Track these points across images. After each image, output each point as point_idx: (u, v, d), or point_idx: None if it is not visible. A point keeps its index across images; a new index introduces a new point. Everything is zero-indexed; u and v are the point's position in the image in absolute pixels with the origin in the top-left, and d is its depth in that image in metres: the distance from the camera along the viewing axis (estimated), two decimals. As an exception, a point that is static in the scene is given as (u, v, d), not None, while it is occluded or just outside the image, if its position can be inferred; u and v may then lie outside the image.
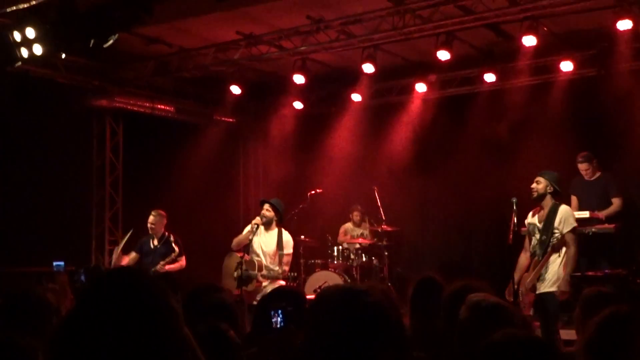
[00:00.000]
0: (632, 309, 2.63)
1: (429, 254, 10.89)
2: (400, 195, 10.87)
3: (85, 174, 10.26)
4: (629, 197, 9.03)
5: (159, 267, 8.26)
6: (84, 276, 8.48)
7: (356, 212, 10.68)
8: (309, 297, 3.99)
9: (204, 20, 8.52)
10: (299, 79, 9.70)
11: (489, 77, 10.04)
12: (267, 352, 3.13)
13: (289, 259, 8.03)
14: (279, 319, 3.02)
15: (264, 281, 7.86)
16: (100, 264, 9.44)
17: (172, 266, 8.38)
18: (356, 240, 10.35)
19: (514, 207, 6.90)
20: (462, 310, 2.90)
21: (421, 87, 10.49)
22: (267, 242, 8.00)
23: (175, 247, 8.37)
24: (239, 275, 7.75)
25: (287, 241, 8.04)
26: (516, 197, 6.97)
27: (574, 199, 8.74)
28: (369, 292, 1.95)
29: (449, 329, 3.31)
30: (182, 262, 8.51)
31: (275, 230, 8.04)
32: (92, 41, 7.40)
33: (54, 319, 3.53)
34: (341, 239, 10.56)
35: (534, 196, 6.73)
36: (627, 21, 7.78)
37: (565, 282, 6.47)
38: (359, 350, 1.87)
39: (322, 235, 10.38)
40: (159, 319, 1.60)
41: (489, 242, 10.12)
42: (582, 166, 8.79)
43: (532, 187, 6.74)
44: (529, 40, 8.22)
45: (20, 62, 7.87)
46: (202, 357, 1.96)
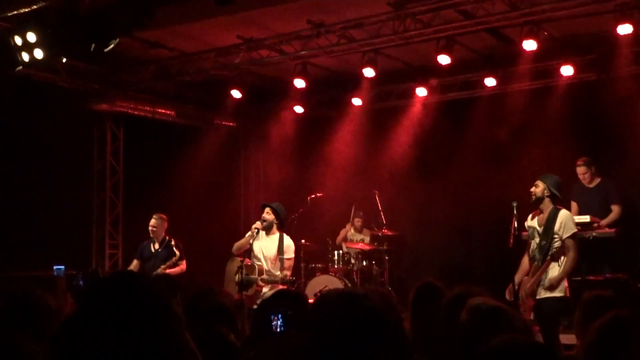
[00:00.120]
0: (632, 314, 2.63)
1: (429, 258, 10.88)
2: (400, 199, 10.86)
3: (85, 178, 10.26)
4: (630, 201, 9.02)
5: (159, 271, 8.26)
6: (82, 280, 8.49)
7: (358, 219, 10.67)
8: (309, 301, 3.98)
9: (205, 24, 8.53)
10: (299, 83, 9.71)
11: (490, 82, 10.04)
12: (266, 356, 3.12)
13: (290, 263, 7.98)
14: (278, 322, 3.02)
15: (264, 285, 7.83)
16: (98, 269, 9.42)
17: (172, 270, 8.37)
18: (356, 244, 10.34)
19: (515, 211, 6.90)
20: (463, 313, 2.90)
21: (421, 92, 10.49)
22: (268, 247, 7.96)
23: (176, 251, 8.37)
24: (239, 279, 7.72)
25: (288, 245, 7.99)
26: (516, 201, 6.98)
27: (574, 204, 8.73)
28: (368, 295, 1.95)
29: (448, 333, 3.30)
30: (182, 265, 8.51)
31: (276, 234, 8.00)
32: (93, 45, 7.42)
33: (54, 323, 3.52)
34: (340, 240, 10.57)
35: (532, 199, 6.75)
36: (627, 25, 7.78)
37: (557, 280, 6.44)
38: (359, 354, 1.87)
39: (323, 239, 10.37)
40: (161, 322, 1.60)
41: (490, 246, 10.10)
42: (580, 170, 8.79)
43: (530, 190, 6.75)
44: (529, 44, 8.22)
45: (21, 66, 7.89)
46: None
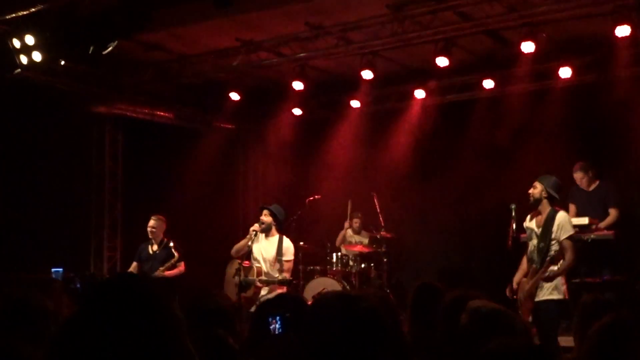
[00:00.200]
0: (631, 316, 2.63)
1: (428, 261, 10.86)
2: (399, 201, 10.85)
3: (84, 181, 10.26)
4: (628, 203, 9.01)
5: (158, 272, 8.25)
6: (79, 283, 8.48)
7: (356, 220, 10.68)
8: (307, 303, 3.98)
9: (204, 27, 8.53)
10: (298, 85, 9.71)
11: (488, 84, 10.03)
12: (265, 359, 3.12)
13: (290, 265, 7.97)
14: (277, 325, 3.01)
15: (262, 286, 7.83)
16: (96, 272, 9.42)
17: (171, 272, 8.36)
18: (355, 247, 10.34)
19: (513, 214, 6.91)
20: (463, 316, 2.90)
21: (420, 94, 10.49)
22: (267, 249, 7.94)
23: (175, 253, 8.35)
24: (238, 281, 7.72)
25: (287, 247, 7.96)
26: (515, 203, 6.99)
27: (572, 207, 8.72)
28: (364, 298, 1.95)
29: (448, 336, 3.30)
30: (181, 267, 8.50)
31: (275, 236, 7.98)
32: (91, 48, 7.42)
33: (52, 325, 3.52)
34: (338, 243, 10.56)
35: (530, 201, 6.75)
36: (625, 27, 7.77)
37: (554, 277, 6.43)
38: (357, 356, 1.87)
39: (321, 241, 10.36)
40: (161, 325, 1.59)
41: (489, 248, 10.09)
42: (577, 175, 8.78)
43: (529, 191, 6.74)
44: (527, 46, 8.22)
45: (19, 69, 7.89)
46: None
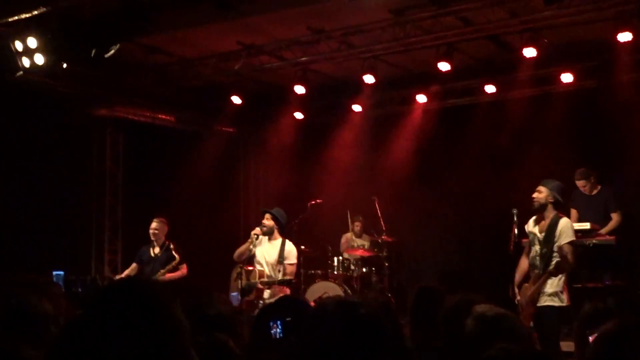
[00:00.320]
0: (635, 322, 2.61)
1: (429, 265, 10.86)
2: (400, 205, 10.84)
3: (85, 183, 10.26)
4: (630, 208, 9.00)
5: (159, 275, 8.23)
6: (80, 287, 8.48)
7: (357, 223, 10.67)
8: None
9: (205, 30, 8.54)
10: (299, 89, 9.71)
11: (489, 89, 10.04)
12: (266, 363, 3.11)
13: (292, 269, 7.98)
14: (278, 329, 3.01)
15: (264, 288, 7.84)
16: (97, 276, 9.41)
17: (173, 274, 8.34)
18: (356, 251, 10.33)
19: (515, 218, 6.88)
20: (468, 321, 2.90)
21: (422, 98, 10.50)
22: (269, 252, 7.96)
23: (175, 255, 8.33)
24: (241, 286, 7.74)
25: (290, 251, 7.97)
26: (516, 208, 6.96)
27: (574, 212, 8.71)
28: (364, 304, 1.94)
29: (450, 342, 3.29)
30: (183, 270, 8.48)
31: (278, 240, 7.99)
32: (93, 51, 7.43)
33: (51, 328, 3.51)
34: (342, 248, 10.55)
35: (535, 206, 6.64)
36: (627, 33, 7.78)
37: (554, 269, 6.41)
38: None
39: (322, 245, 10.35)
40: (165, 330, 1.58)
41: (490, 253, 10.08)
42: (579, 183, 8.79)
43: (533, 196, 6.65)
44: (529, 51, 8.23)
45: (21, 72, 7.90)
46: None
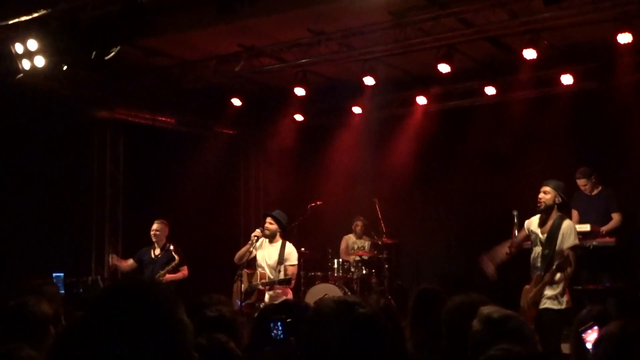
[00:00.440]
0: (636, 325, 2.61)
1: (429, 267, 10.86)
2: (400, 207, 10.85)
3: (85, 186, 10.25)
4: (630, 209, 9.00)
5: (159, 276, 8.23)
6: (82, 289, 8.48)
7: (358, 222, 10.64)
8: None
9: (206, 32, 8.54)
10: (299, 91, 9.72)
11: (490, 90, 10.03)
12: (266, 364, 3.11)
13: (293, 270, 8.02)
14: (278, 331, 3.01)
15: (265, 289, 7.88)
16: (99, 277, 9.40)
17: (174, 275, 8.34)
18: (356, 253, 10.32)
19: (515, 220, 6.89)
20: (474, 322, 2.90)
21: (422, 100, 10.49)
22: (270, 255, 8.02)
23: (175, 256, 8.34)
24: (243, 288, 7.81)
25: (290, 252, 8.02)
26: (517, 209, 6.97)
27: (575, 212, 8.71)
28: (363, 304, 1.94)
29: (453, 343, 3.29)
30: (184, 271, 8.48)
31: (279, 242, 8.05)
32: (94, 53, 7.43)
33: (50, 329, 3.52)
34: (343, 253, 10.50)
35: (540, 207, 6.63)
36: (627, 34, 7.78)
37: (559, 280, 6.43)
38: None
39: (323, 247, 10.35)
40: (168, 333, 1.58)
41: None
42: (580, 182, 8.79)
43: (539, 197, 6.64)
44: (529, 53, 8.23)
45: (22, 74, 7.91)
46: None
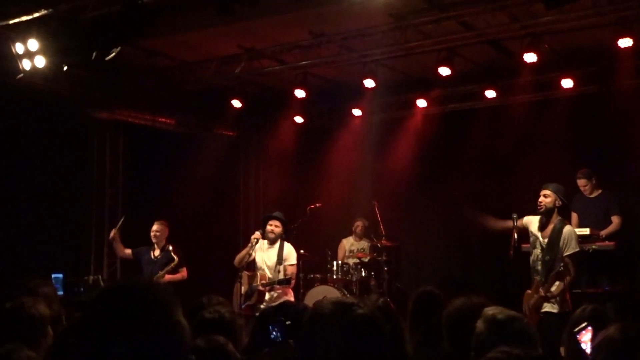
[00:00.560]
0: (635, 329, 2.61)
1: (428, 270, 10.84)
2: (400, 210, 10.84)
3: (85, 186, 10.24)
4: (630, 213, 9.00)
5: (158, 276, 8.22)
6: (83, 287, 8.49)
7: (359, 223, 10.58)
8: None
9: (206, 34, 8.54)
10: (299, 93, 9.72)
11: (490, 94, 10.04)
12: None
13: (293, 269, 8.09)
14: (277, 333, 3.00)
15: (265, 290, 7.91)
16: (100, 277, 9.40)
17: (173, 276, 8.33)
18: (355, 255, 10.30)
19: (515, 223, 6.88)
20: (478, 324, 2.90)
21: (422, 103, 10.49)
22: (269, 256, 8.10)
23: (174, 256, 8.33)
24: (243, 290, 7.84)
25: (289, 252, 8.10)
26: (517, 212, 6.97)
27: (575, 215, 8.72)
28: (361, 304, 1.94)
29: (453, 348, 3.28)
30: (183, 272, 8.46)
31: (277, 243, 8.15)
32: (94, 54, 7.44)
33: (48, 330, 3.51)
34: (339, 259, 10.45)
35: (541, 210, 6.65)
36: (627, 39, 7.79)
37: (552, 297, 6.43)
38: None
39: (322, 249, 10.33)
40: (165, 335, 1.57)
41: (489, 258, 10.08)
42: (580, 182, 8.79)
43: (539, 200, 6.66)
44: (529, 57, 8.23)
45: (22, 74, 7.91)
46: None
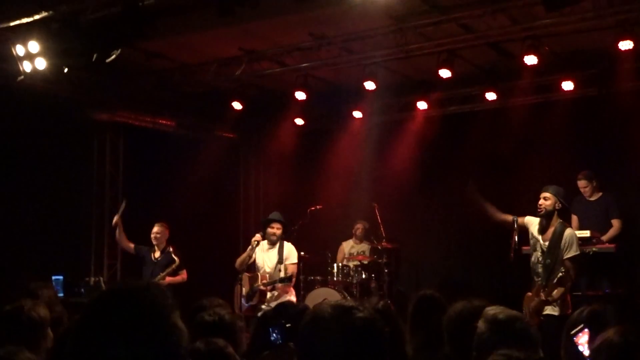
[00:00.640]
0: (635, 332, 2.60)
1: (429, 272, 10.84)
2: (400, 212, 10.83)
3: (85, 188, 10.24)
4: (630, 216, 9.00)
5: (159, 278, 8.22)
6: (84, 288, 8.50)
7: (359, 225, 10.57)
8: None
9: (206, 35, 8.54)
10: (300, 95, 9.73)
11: (490, 96, 10.03)
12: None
13: (294, 268, 8.17)
14: (277, 335, 3.00)
15: (267, 290, 7.95)
16: (100, 278, 9.40)
17: (173, 279, 8.33)
18: (357, 257, 10.30)
19: (515, 225, 6.88)
20: (479, 324, 2.89)
21: (422, 105, 10.48)
22: (269, 257, 8.18)
23: (175, 258, 8.34)
24: (244, 292, 7.87)
25: (290, 251, 8.19)
26: (517, 215, 6.96)
27: (575, 218, 8.71)
28: (360, 307, 1.94)
29: (454, 352, 3.27)
30: (183, 275, 8.48)
31: (277, 243, 8.22)
32: (94, 55, 7.44)
33: (47, 332, 3.52)
34: (339, 257, 10.48)
35: (541, 213, 6.65)
36: (627, 41, 7.80)
37: (553, 301, 6.44)
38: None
39: (322, 251, 10.33)
40: (163, 338, 1.57)
41: (490, 260, 10.07)
42: (581, 183, 8.78)
43: (539, 203, 6.66)
44: (530, 59, 8.23)
45: (23, 76, 7.91)
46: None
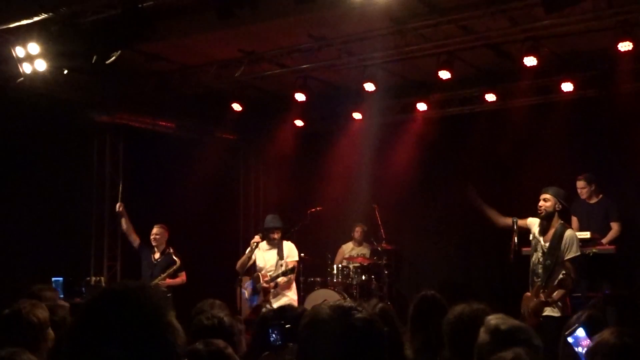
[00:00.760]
0: (633, 335, 2.60)
1: (428, 273, 10.83)
2: (400, 213, 10.84)
3: (85, 190, 10.24)
4: (630, 218, 9.00)
5: (159, 280, 8.22)
6: (84, 288, 8.51)
7: (358, 228, 10.60)
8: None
9: (206, 37, 8.54)
10: (300, 97, 9.73)
11: (490, 97, 10.04)
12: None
13: (294, 264, 8.24)
14: (277, 336, 3.00)
15: (269, 287, 7.99)
16: (101, 278, 9.42)
17: (173, 280, 8.34)
18: (356, 259, 10.30)
19: (515, 227, 6.88)
20: (481, 334, 2.89)
21: (422, 106, 10.49)
22: (270, 256, 8.24)
23: (176, 259, 8.35)
24: (239, 292, 7.89)
25: (290, 249, 8.28)
26: (516, 216, 6.96)
27: (575, 219, 8.71)
28: (359, 308, 1.94)
29: (454, 355, 3.28)
30: (183, 277, 8.48)
31: (277, 243, 8.28)
32: (94, 57, 7.44)
33: (47, 334, 3.52)
34: (338, 259, 10.47)
35: (541, 215, 6.66)
36: (627, 43, 7.79)
37: (552, 302, 6.44)
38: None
39: (322, 253, 10.34)
40: (160, 336, 1.57)
41: (490, 261, 10.08)
42: (579, 184, 8.78)
43: (539, 205, 6.66)
44: (529, 60, 8.23)
45: (22, 78, 7.92)
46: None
